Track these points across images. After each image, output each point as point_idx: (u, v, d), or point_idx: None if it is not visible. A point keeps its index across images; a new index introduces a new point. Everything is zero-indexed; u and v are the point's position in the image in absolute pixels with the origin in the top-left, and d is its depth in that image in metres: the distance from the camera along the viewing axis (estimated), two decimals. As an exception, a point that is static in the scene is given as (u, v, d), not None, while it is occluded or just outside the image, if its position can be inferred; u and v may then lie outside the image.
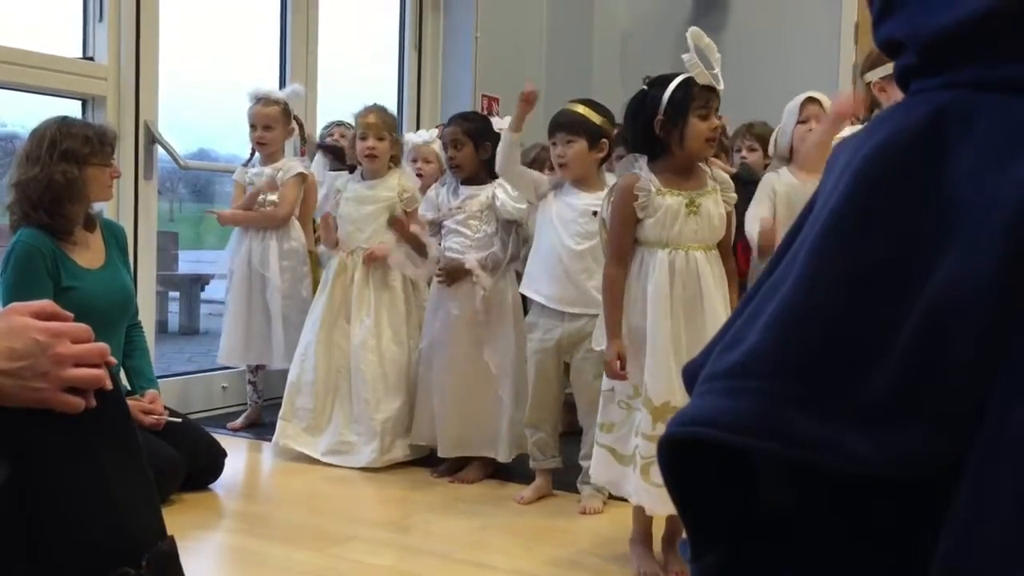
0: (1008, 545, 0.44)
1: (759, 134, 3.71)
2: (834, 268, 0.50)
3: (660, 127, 2.14)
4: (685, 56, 2.12)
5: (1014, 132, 0.48)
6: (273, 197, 3.59)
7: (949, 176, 0.49)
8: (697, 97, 2.13)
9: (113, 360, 1.06)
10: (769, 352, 0.50)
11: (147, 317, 3.45)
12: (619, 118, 2.59)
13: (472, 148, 2.99)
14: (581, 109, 2.73)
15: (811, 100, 3.06)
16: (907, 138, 0.51)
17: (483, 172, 3.02)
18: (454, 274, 2.98)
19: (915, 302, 0.48)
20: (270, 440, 3.29)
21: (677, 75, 2.15)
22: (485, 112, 4.62)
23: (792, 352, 0.50)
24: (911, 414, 0.47)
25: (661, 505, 2.08)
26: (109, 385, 1.03)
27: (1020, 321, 0.46)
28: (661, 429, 2.05)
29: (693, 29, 2.15)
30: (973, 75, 0.50)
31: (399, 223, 3.19)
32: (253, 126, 3.60)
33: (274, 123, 3.58)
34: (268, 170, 3.60)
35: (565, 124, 2.70)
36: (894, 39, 0.56)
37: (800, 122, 3.03)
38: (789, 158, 3.10)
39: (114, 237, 2.84)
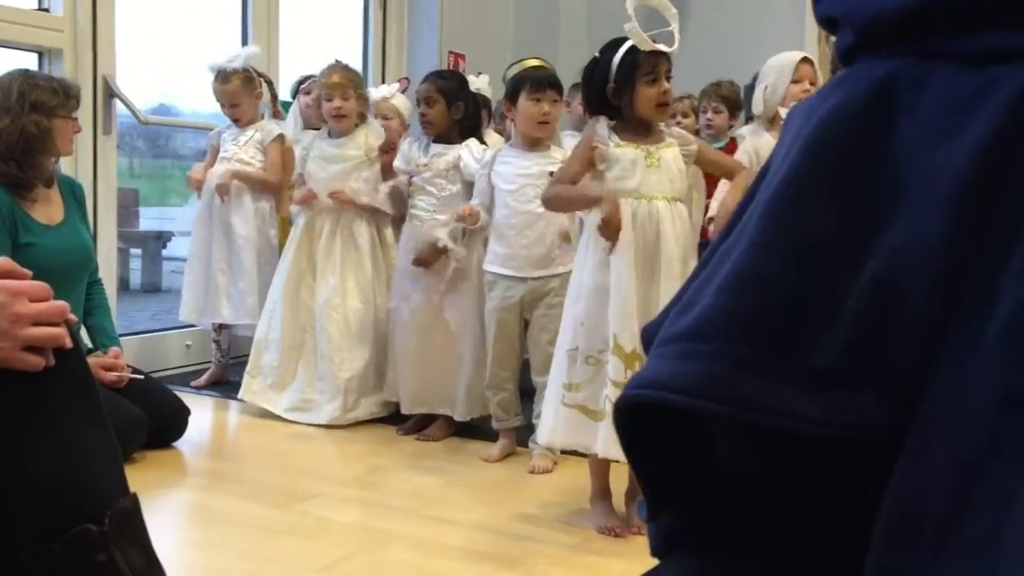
0: (944, 507, 0.45)
1: (726, 95, 3.70)
2: (783, 235, 0.51)
3: (611, 93, 2.20)
4: (627, 25, 2.15)
5: (962, 102, 0.48)
6: (245, 157, 3.54)
7: (897, 145, 0.50)
8: (643, 64, 2.17)
9: (73, 318, 1.05)
10: (721, 316, 0.51)
11: (108, 274, 3.41)
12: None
13: (444, 106, 2.97)
14: (551, 69, 2.76)
15: (806, 60, 3.04)
16: (857, 106, 0.52)
17: (454, 131, 3.01)
18: (430, 257, 2.94)
19: (864, 267, 0.49)
20: (235, 398, 3.29)
21: (626, 40, 2.18)
22: (452, 69, 4.58)
23: (743, 317, 0.51)
24: (858, 380, 0.48)
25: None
26: (69, 343, 1.02)
27: (963, 293, 0.47)
28: (631, 376, 2.08)
29: None
30: (920, 48, 0.51)
31: (337, 195, 3.17)
32: (221, 104, 3.55)
33: (238, 97, 3.52)
34: (254, 132, 3.55)
35: (555, 83, 2.76)
36: (832, 16, 0.56)
37: (794, 82, 3.01)
38: (773, 119, 3.08)
39: (72, 193, 2.80)
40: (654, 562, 0.61)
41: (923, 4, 0.50)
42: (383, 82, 4.60)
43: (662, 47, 2.17)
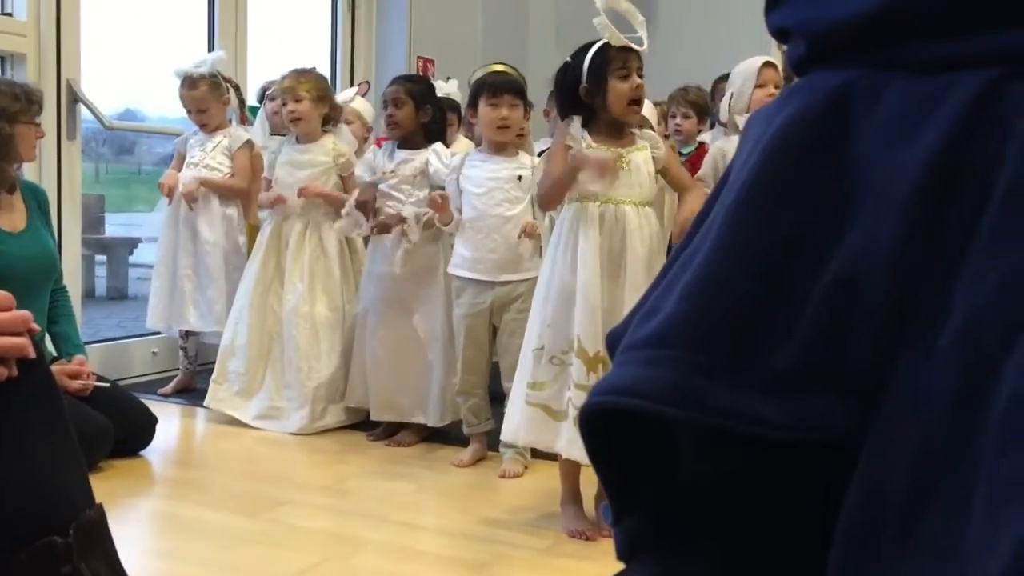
0: (903, 509, 0.46)
1: (694, 100, 3.74)
2: (744, 241, 0.52)
3: (585, 93, 2.21)
4: (596, 20, 2.17)
5: (915, 110, 0.49)
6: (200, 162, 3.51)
7: (854, 152, 0.51)
8: (614, 59, 2.19)
9: (36, 327, 1.04)
10: (684, 322, 0.52)
11: (73, 282, 3.37)
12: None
13: (412, 108, 2.96)
14: (515, 75, 2.76)
15: (769, 64, 3.06)
16: (813, 114, 0.53)
17: (420, 136, 3.00)
18: (389, 221, 2.95)
19: (823, 274, 0.50)
20: (203, 405, 3.26)
21: (596, 43, 2.20)
22: (421, 74, 4.58)
23: (706, 322, 0.51)
24: (820, 383, 0.49)
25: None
26: (32, 354, 1.01)
27: (919, 298, 0.48)
28: (594, 379, 2.10)
29: None
30: (873, 58, 0.52)
31: (305, 191, 3.16)
32: (188, 110, 3.51)
33: (205, 103, 3.49)
34: (221, 138, 3.53)
35: (513, 87, 2.74)
36: (784, 27, 0.57)
37: (758, 86, 3.03)
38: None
39: (35, 199, 2.77)
40: (623, 565, 0.61)
41: (876, 14, 0.50)
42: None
43: (631, 43, 2.19)
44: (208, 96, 3.49)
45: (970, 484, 0.43)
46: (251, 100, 4.00)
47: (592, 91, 2.20)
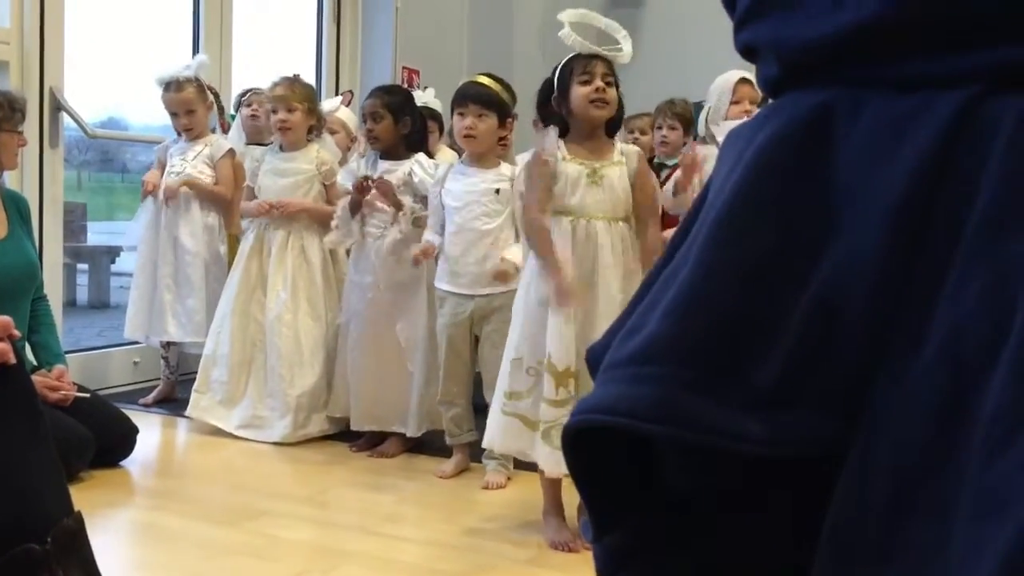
0: (886, 517, 0.46)
1: (680, 112, 3.75)
2: (727, 257, 0.52)
3: (555, 104, 2.26)
4: (561, 33, 2.23)
5: (895, 127, 0.50)
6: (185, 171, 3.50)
7: (836, 168, 0.51)
8: (577, 67, 2.23)
9: (17, 333, 1.04)
10: (667, 339, 0.52)
11: (54, 290, 3.34)
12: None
13: (391, 121, 2.96)
14: (492, 84, 2.75)
15: (744, 80, 3.08)
16: (794, 131, 0.53)
17: (402, 147, 3.00)
18: (390, 196, 2.90)
19: (805, 290, 0.50)
20: (184, 415, 3.24)
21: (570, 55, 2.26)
22: (406, 84, 4.58)
23: (689, 339, 0.52)
24: (802, 397, 0.49)
25: (559, 468, 2.14)
26: (12, 359, 1.01)
27: (901, 311, 0.48)
28: (563, 394, 2.12)
29: (567, 12, 2.25)
30: (850, 76, 0.52)
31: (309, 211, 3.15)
32: (174, 114, 3.49)
33: (193, 104, 3.47)
34: (203, 147, 3.51)
35: (479, 97, 2.71)
36: (753, 46, 0.58)
37: (734, 102, 3.05)
38: None
39: (17, 208, 2.75)
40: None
41: (854, 34, 0.51)
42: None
43: (598, 50, 2.21)
44: (195, 98, 3.47)
45: (952, 493, 0.44)
46: (231, 108, 3.99)
47: (559, 101, 2.24)
